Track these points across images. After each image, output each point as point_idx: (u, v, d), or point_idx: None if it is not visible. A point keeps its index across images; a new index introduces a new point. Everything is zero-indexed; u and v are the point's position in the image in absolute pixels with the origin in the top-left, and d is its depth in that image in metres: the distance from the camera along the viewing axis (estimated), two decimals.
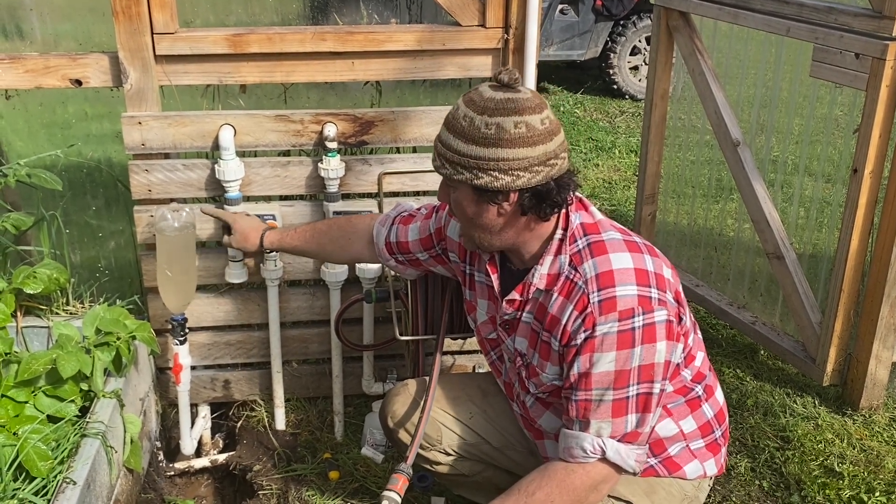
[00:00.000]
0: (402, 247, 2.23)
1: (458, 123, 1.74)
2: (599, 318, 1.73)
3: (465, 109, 1.73)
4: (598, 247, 1.80)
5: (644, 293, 1.74)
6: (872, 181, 2.86)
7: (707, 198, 4.18)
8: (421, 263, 2.24)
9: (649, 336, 1.73)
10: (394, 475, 1.84)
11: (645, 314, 1.73)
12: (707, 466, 1.98)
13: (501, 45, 2.69)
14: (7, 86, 2.59)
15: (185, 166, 2.63)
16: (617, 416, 1.76)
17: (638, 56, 7.81)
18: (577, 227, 1.84)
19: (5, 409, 2.22)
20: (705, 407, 1.96)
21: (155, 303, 2.75)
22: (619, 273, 1.76)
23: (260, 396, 3.01)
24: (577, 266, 1.80)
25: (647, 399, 1.77)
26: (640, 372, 1.74)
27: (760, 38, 3.51)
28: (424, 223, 2.20)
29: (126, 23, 2.48)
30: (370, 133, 2.66)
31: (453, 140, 1.74)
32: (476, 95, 1.74)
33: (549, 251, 1.84)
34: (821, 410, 3.07)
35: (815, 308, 3.17)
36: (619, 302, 1.73)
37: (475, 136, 1.70)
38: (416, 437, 1.98)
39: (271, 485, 2.69)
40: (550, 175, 1.73)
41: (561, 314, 1.80)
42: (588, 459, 1.78)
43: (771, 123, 3.61)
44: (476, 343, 2.99)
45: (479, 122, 1.70)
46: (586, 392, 1.76)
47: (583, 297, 1.76)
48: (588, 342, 1.74)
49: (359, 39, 2.63)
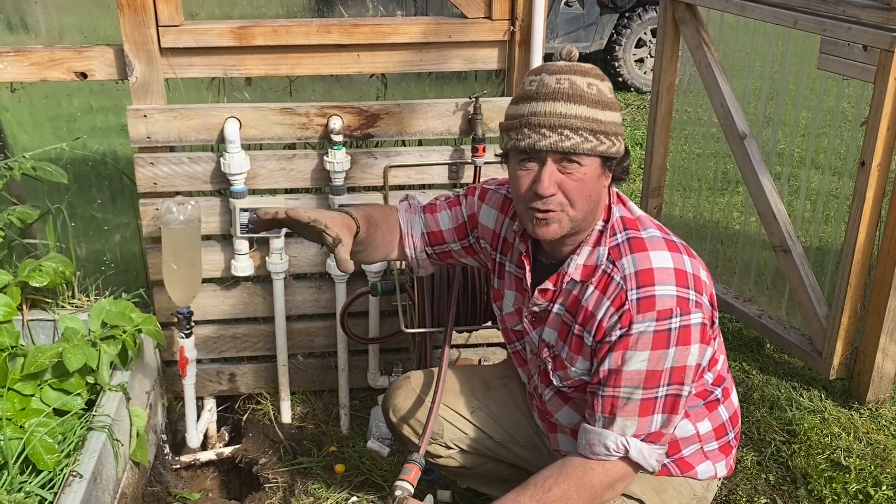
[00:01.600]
0: (435, 237, 2.09)
1: (572, 90, 1.64)
2: (637, 317, 1.70)
3: (560, 76, 1.65)
4: (638, 243, 1.76)
5: (682, 294, 1.71)
6: (880, 174, 2.85)
7: (713, 191, 4.17)
8: (452, 255, 2.11)
9: (684, 338, 1.71)
10: (406, 465, 1.83)
11: (682, 315, 1.70)
12: (718, 468, 1.97)
13: (508, 38, 2.68)
14: (12, 79, 2.59)
15: (190, 159, 2.63)
16: (644, 415, 1.74)
17: (643, 48, 7.78)
18: (618, 220, 1.80)
19: (11, 402, 2.22)
20: (721, 409, 1.95)
21: (160, 296, 2.75)
22: (658, 272, 1.72)
23: (266, 390, 3.01)
24: (615, 260, 1.76)
25: (675, 400, 1.75)
26: (671, 373, 1.72)
27: (767, 31, 3.49)
28: (455, 210, 2.07)
29: (131, 15, 2.48)
30: (376, 126, 2.66)
31: (563, 106, 1.63)
32: (552, 66, 1.69)
33: (587, 241, 1.80)
34: (827, 404, 3.06)
35: (821, 301, 3.16)
36: (657, 301, 1.69)
37: (595, 98, 1.65)
38: (427, 427, 1.94)
39: (277, 478, 2.70)
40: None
41: (596, 309, 1.76)
42: (609, 458, 1.76)
43: (778, 116, 3.59)
44: (481, 337, 3.00)
45: (581, 83, 1.65)
46: (615, 389, 1.74)
47: (621, 293, 1.72)
48: (622, 339, 1.71)
49: (364, 32, 2.62)
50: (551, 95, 1.64)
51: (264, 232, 1.87)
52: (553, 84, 1.64)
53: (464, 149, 2.73)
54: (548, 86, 1.64)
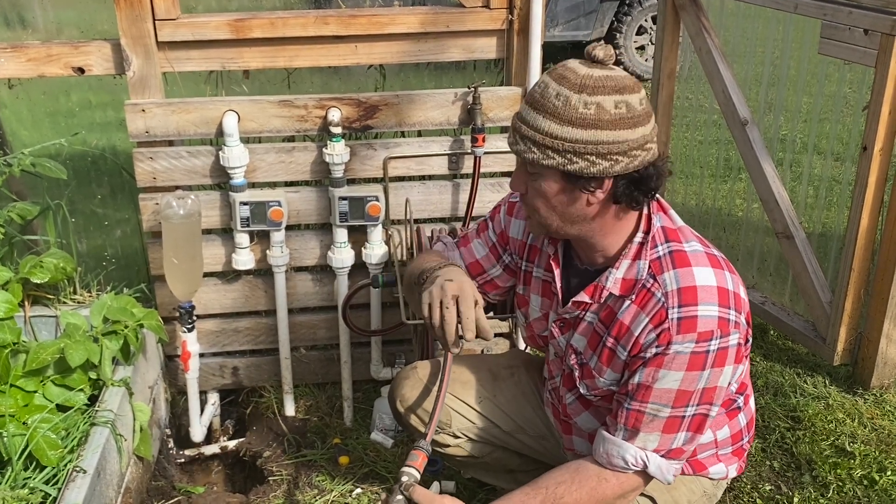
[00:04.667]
0: (474, 268, 2.05)
1: (549, 103, 1.58)
2: (676, 337, 1.63)
3: (558, 87, 1.58)
4: (681, 257, 1.69)
5: (724, 315, 1.65)
6: (882, 159, 2.83)
7: (715, 178, 4.16)
8: (496, 285, 2.07)
9: (720, 360, 1.66)
10: (413, 451, 1.82)
11: (721, 338, 1.64)
12: (730, 469, 1.96)
13: (506, 27, 2.66)
14: (10, 75, 2.58)
15: (189, 153, 2.62)
16: (668, 432, 1.70)
17: (644, 36, 7.75)
18: (658, 231, 1.73)
19: (14, 398, 2.22)
20: (741, 416, 1.93)
21: (162, 291, 2.75)
22: (702, 290, 1.65)
23: (269, 383, 3.01)
24: (656, 275, 1.69)
25: (702, 420, 1.72)
26: (702, 394, 1.68)
27: (768, 16, 3.48)
28: (485, 236, 2.05)
29: (127, 9, 2.47)
30: (375, 117, 2.65)
31: (543, 121, 1.59)
32: (568, 72, 1.59)
33: (626, 254, 1.72)
34: (831, 390, 3.05)
35: (825, 287, 3.15)
36: (700, 322, 1.63)
37: (572, 116, 1.56)
38: (434, 414, 1.91)
39: (281, 470, 2.70)
40: (647, 160, 1.61)
41: (634, 325, 1.70)
42: (626, 470, 1.74)
43: (779, 102, 3.58)
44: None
45: (576, 100, 1.56)
46: (642, 404, 1.69)
47: (661, 310, 1.66)
48: (658, 357, 1.66)
49: (361, 23, 2.61)
50: (540, 106, 1.60)
51: None
52: (551, 95, 1.59)
53: (463, 139, 2.73)
54: (545, 96, 1.60)
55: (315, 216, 2.75)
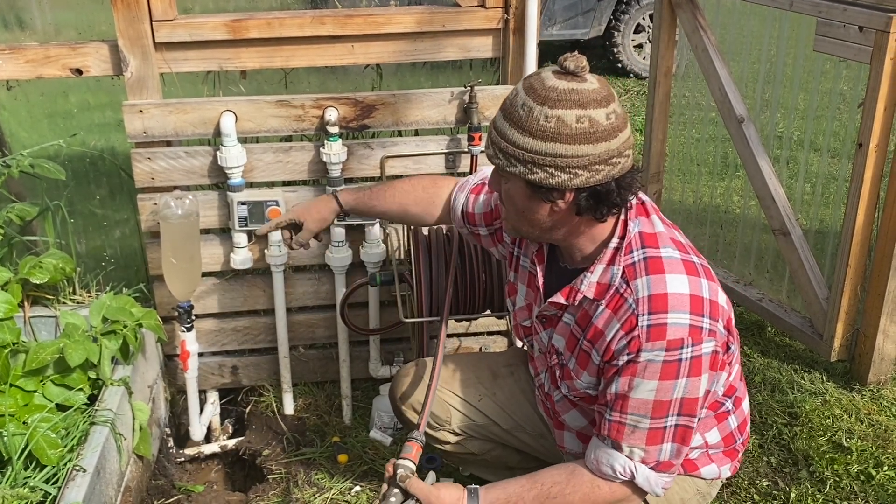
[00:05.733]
0: (470, 218, 2.11)
1: (515, 112, 1.60)
2: (646, 345, 1.63)
3: (525, 97, 1.59)
4: (655, 263, 1.68)
5: (696, 323, 1.63)
6: (878, 155, 2.84)
7: (712, 175, 4.17)
8: (480, 239, 2.13)
9: (695, 369, 1.65)
10: (407, 443, 1.82)
11: (693, 346, 1.63)
12: (723, 470, 1.96)
13: (502, 26, 2.67)
14: (8, 76, 2.59)
15: (187, 154, 2.63)
16: (651, 443, 1.71)
17: (642, 34, 7.76)
18: (635, 237, 1.72)
19: (14, 398, 2.23)
20: (731, 419, 1.93)
21: (161, 290, 2.76)
22: (673, 298, 1.64)
23: (268, 382, 3.02)
24: (629, 280, 1.68)
25: (685, 431, 1.71)
26: (680, 404, 1.68)
27: (763, 13, 3.48)
28: (489, 197, 2.08)
29: (125, 10, 2.48)
30: (371, 117, 2.66)
31: (508, 129, 1.61)
32: (537, 82, 1.59)
33: (601, 259, 1.73)
34: (828, 386, 3.06)
35: (821, 284, 3.16)
36: (669, 330, 1.62)
37: (533, 127, 1.57)
38: (426, 403, 1.93)
39: (281, 469, 2.71)
40: (611, 174, 1.60)
41: (606, 329, 1.70)
42: (615, 479, 1.75)
43: (775, 99, 3.59)
44: (481, 325, 3.00)
45: (538, 112, 1.56)
46: (621, 415, 1.70)
47: (631, 317, 1.65)
48: (630, 365, 1.65)
49: (358, 22, 2.62)
50: (508, 115, 1.62)
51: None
52: (518, 105, 1.60)
53: (460, 138, 2.74)
54: (514, 104, 1.62)
55: None
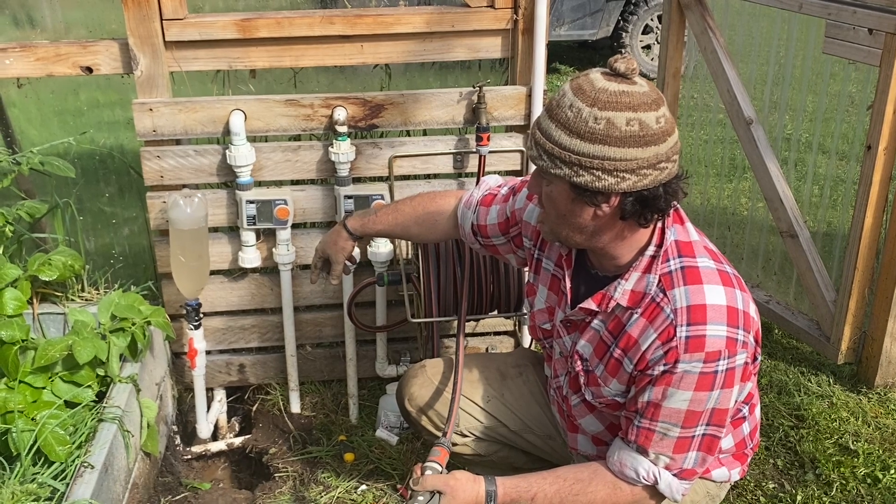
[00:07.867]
0: (482, 231, 2.11)
1: (562, 112, 1.57)
2: (684, 356, 1.62)
3: (573, 98, 1.56)
4: (692, 274, 1.67)
5: (732, 335, 1.63)
6: (887, 158, 2.84)
7: (720, 177, 4.17)
8: (497, 249, 2.13)
9: (729, 381, 1.65)
10: (435, 447, 1.84)
11: (729, 358, 1.63)
12: (733, 473, 1.96)
13: (511, 26, 2.67)
14: (19, 74, 2.60)
15: (196, 152, 2.64)
16: (678, 452, 1.71)
17: (650, 35, 7.75)
18: (672, 245, 1.70)
19: (23, 394, 2.24)
20: (745, 425, 1.94)
21: (169, 288, 2.77)
22: (712, 309, 1.63)
23: (275, 380, 3.03)
24: (666, 290, 1.67)
25: (711, 441, 1.72)
26: (711, 414, 1.68)
27: (772, 15, 3.48)
28: (503, 206, 2.08)
29: (135, 9, 2.48)
30: (380, 116, 2.66)
31: (555, 130, 1.58)
32: (586, 83, 1.57)
33: (637, 266, 1.71)
34: (835, 389, 3.06)
35: (829, 286, 3.15)
36: (707, 342, 1.62)
37: (581, 129, 1.54)
38: (452, 412, 1.95)
39: (287, 467, 2.72)
40: (658, 179, 1.57)
41: (641, 339, 1.69)
42: (637, 483, 1.75)
43: (784, 101, 3.58)
44: (488, 325, 3.00)
45: (587, 114, 1.54)
46: (652, 422, 1.70)
47: (669, 327, 1.64)
48: (665, 376, 1.65)
49: (367, 22, 2.62)
50: (555, 115, 1.60)
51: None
52: (566, 105, 1.58)
53: (468, 138, 2.74)
54: (560, 105, 1.59)
55: (321, 214, 2.77)
